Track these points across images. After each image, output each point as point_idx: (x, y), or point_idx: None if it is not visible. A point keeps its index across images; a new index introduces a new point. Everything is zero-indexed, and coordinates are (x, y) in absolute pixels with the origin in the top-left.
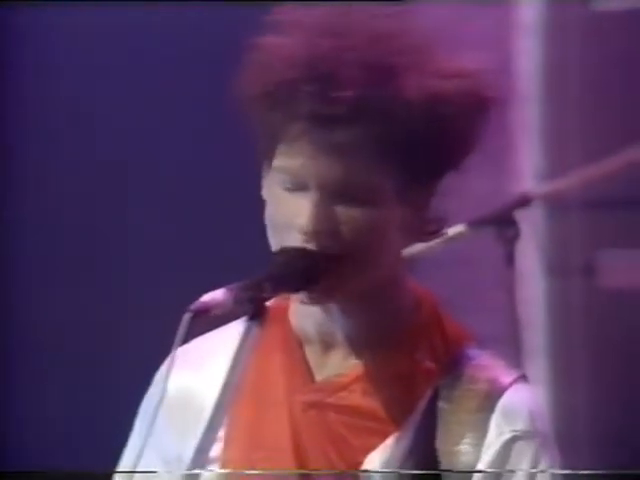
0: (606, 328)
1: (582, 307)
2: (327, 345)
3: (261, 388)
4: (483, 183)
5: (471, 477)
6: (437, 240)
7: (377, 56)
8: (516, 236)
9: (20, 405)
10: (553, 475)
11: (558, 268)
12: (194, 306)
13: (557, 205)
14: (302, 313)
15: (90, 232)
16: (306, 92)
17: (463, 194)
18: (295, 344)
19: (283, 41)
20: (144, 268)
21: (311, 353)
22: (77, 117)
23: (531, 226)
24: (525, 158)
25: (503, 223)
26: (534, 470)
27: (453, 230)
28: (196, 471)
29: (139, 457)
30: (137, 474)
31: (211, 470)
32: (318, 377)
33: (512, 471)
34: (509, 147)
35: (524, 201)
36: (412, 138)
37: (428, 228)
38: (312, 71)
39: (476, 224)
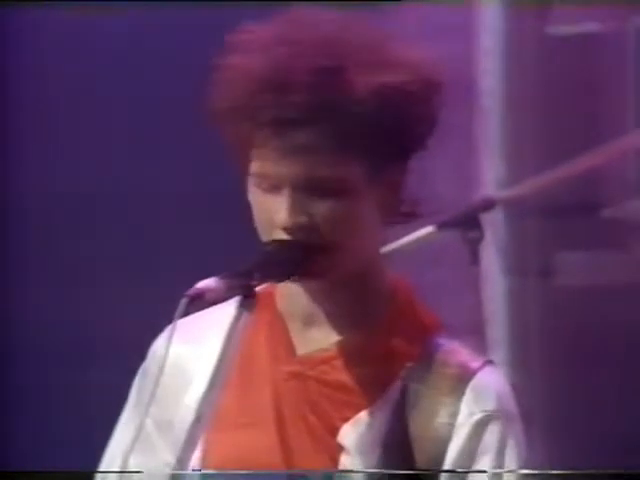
0: (560, 322)
1: (538, 304)
2: (308, 324)
3: (249, 360)
4: (449, 189)
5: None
6: (408, 240)
7: (325, 59)
8: (480, 237)
9: (20, 405)
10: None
11: (516, 268)
12: (190, 292)
13: (516, 209)
14: (286, 296)
15: (89, 226)
16: (267, 101)
17: (431, 199)
18: (279, 323)
19: (243, 58)
20: (145, 259)
21: (294, 331)
22: (75, 117)
23: (492, 228)
24: (486, 167)
25: (468, 225)
26: (525, 471)
27: (422, 231)
28: (184, 472)
29: (137, 425)
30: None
31: (198, 471)
32: (300, 352)
33: (511, 472)
34: (472, 158)
35: (487, 205)
36: (368, 128)
37: (403, 209)
38: (270, 81)
39: (443, 226)
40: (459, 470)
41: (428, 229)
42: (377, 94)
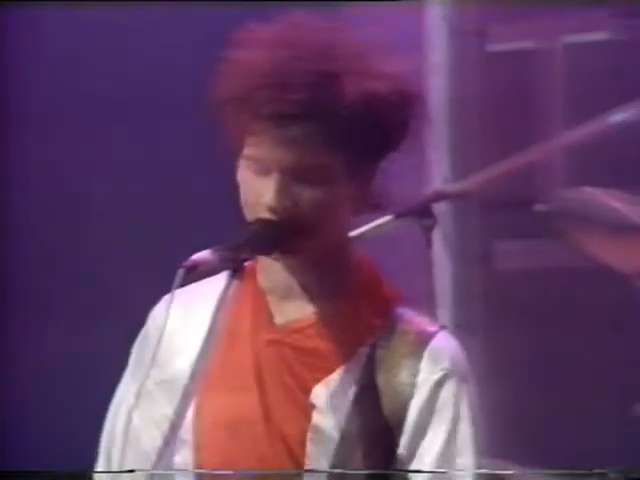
0: (499, 304)
1: (480, 287)
2: (285, 297)
3: (234, 329)
4: (405, 184)
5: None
6: (371, 226)
7: (320, 63)
8: (433, 225)
9: (19, 404)
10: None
11: (461, 254)
12: (186, 263)
13: (461, 202)
14: (267, 272)
15: (89, 202)
16: (266, 96)
17: (393, 193)
18: (260, 296)
19: (247, 55)
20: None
21: (273, 303)
22: (74, 117)
23: (440, 219)
24: (435, 166)
25: (423, 214)
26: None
27: (384, 219)
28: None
29: (140, 383)
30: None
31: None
32: (278, 321)
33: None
34: (424, 158)
35: (437, 197)
36: (351, 128)
37: (373, 201)
38: (270, 78)
39: (401, 215)
40: (456, 470)
41: (389, 217)
42: (363, 100)
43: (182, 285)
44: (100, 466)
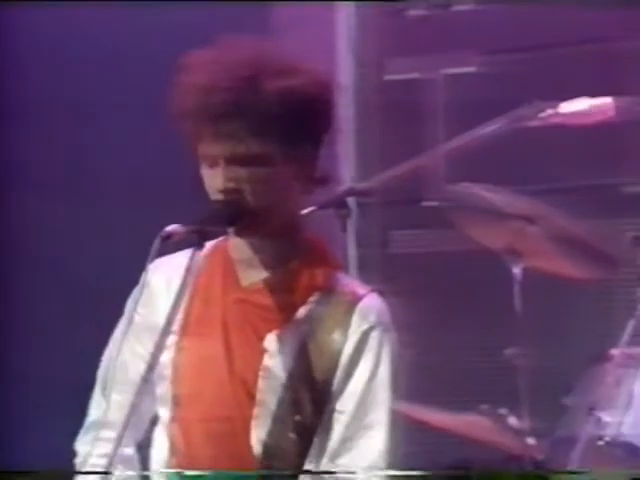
0: (395, 279)
1: (379, 266)
2: (249, 265)
3: (208, 290)
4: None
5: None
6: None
7: (244, 71)
8: (348, 214)
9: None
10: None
11: (365, 240)
12: (162, 233)
13: (368, 197)
14: (236, 246)
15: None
16: (205, 104)
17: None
18: (230, 265)
19: (189, 75)
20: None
21: (239, 270)
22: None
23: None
24: (344, 168)
25: (339, 206)
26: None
27: (309, 209)
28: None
29: (129, 323)
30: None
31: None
32: (243, 284)
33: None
34: (335, 159)
35: (350, 193)
36: (278, 120)
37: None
38: (206, 90)
39: (323, 206)
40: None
41: (314, 207)
42: (282, 94)
43: (159, 253)
44: (96, 393)
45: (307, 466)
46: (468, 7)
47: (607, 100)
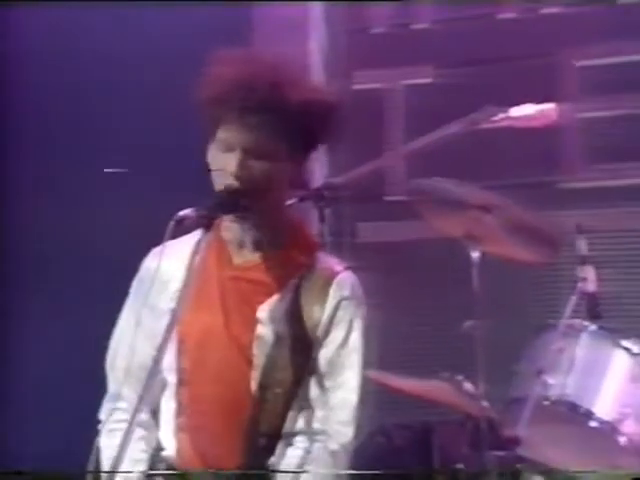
0: (360, 265)
1: (348, 253)
2: (241, 245)
3: (205, 269)
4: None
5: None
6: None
7: (271, 77)
8: (326, 205)
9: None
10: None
11: (336, 231)
12: (175, 217)
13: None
14: (227, 228)
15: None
16: (232, 97)
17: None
18: (223, 244)
19: (220, 69)
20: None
21: (232, 249)
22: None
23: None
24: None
25: (318, 197)
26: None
27: (292, 200)
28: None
29: (138, 312)
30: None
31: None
32: (236, 262)
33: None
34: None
35: (327, 187)
36: (291, 123)
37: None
38: (235, 86)
39: (304, 198)
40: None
41: (295, 199)
42: (299, 103)
43: (173, 235)
44: (109, 369)
45: (289, 421)
46: (425, 26)
47: (550, 105)
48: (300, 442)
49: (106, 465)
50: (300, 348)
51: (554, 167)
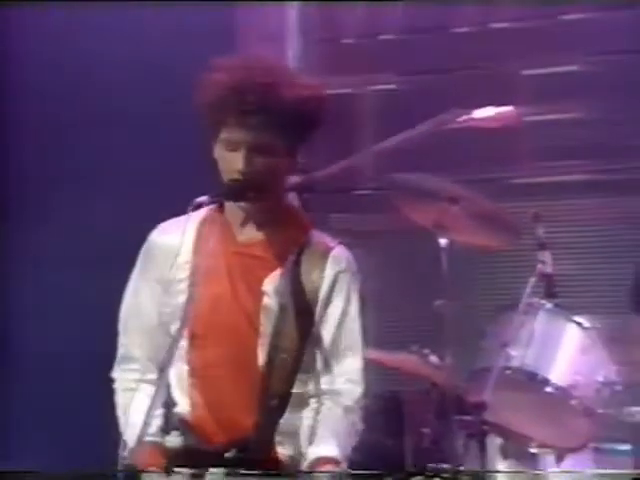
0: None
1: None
2: (243, 225)
3: (210, 246)
4: None
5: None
6: None
7: (267, 80)
8: (309, 197)
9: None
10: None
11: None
12: (193, 203)
13: (319, 185)
14: (230, 209)
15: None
16: (232, 101)
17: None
18: (226, 225)
19: (219, 75)
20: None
21: (235, 229)
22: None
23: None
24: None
25: (302, 190)
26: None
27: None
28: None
29: (147, 281)
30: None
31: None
32: (239, 240)
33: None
34: None
35: (310, 181)
36: (287, 122)
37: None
38: (233, 90)
39: (289, 189)
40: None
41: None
42: (294, 102)
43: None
44: (120, 335)
45: (298, 383)
46: (390, 37)
47: (509, 108)
48: (311, 402)
49: (123, 421)
50: (303, 317)
51: (505, 165)
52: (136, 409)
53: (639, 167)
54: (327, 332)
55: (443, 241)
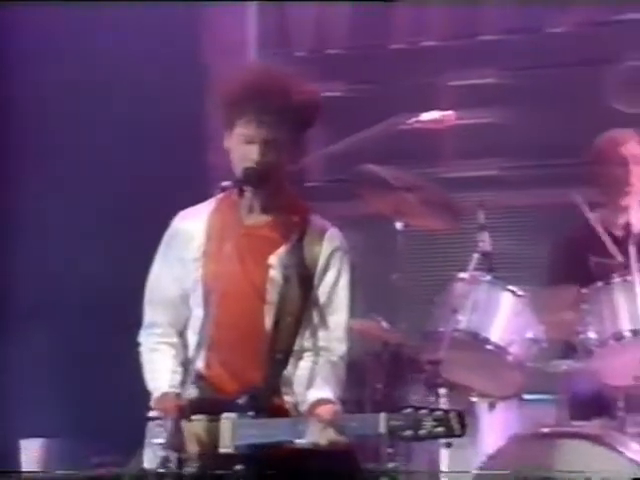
0: None
1: None
2: (250, 209)
3: (221, 228)
4: None
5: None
6: None
7: (280, 84)
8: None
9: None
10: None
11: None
12: (220, 187)
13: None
14: (239, 198)
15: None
16: (247, 100)
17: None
18: (235, 209)
19: (239, 79)
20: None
21: (243, 213)
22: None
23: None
24: None
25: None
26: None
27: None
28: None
29: (166, 261)
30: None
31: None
32: (246, 223)
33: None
34: None
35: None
36: (298, 119)
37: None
38: (248, 91)
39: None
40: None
41: None
42: (302, 103)
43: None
44: (146, 305)
45: (299, 340)
46: (338, 51)
47: (450, 112)
48: (308, 356)
49: (149, 377)
50: (303, 286)
51: (449, 162)
52: (159, 366)
53: (546, 164)
54: (322, 299)
55: (400, 225)
